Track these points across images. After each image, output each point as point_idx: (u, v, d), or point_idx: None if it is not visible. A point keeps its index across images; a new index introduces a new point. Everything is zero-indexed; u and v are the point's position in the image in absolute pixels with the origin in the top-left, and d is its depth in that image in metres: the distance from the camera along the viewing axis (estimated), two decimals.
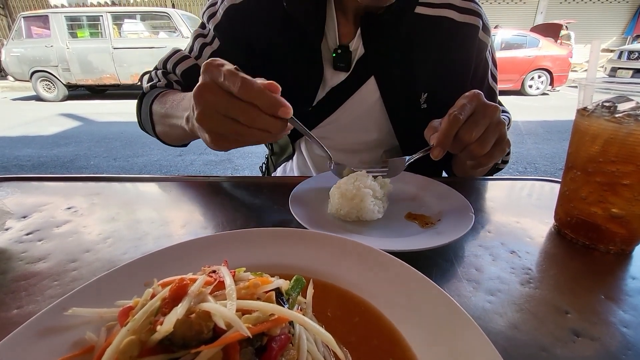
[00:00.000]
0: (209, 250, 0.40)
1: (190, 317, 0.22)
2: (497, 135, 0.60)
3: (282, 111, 0.48)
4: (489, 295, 0.41)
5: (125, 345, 0.21)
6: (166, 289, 0.25)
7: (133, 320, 0.23)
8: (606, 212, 0.47)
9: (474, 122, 0.58)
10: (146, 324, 0.23)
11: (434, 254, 0.47)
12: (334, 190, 0.56)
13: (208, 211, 0.61)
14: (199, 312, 0.22)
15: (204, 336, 0.22)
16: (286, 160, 1.06)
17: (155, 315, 0.23)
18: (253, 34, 0.82)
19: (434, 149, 0.58)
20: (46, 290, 0.41)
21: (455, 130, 0.57)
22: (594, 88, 0.48)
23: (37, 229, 0.54)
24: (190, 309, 0.22)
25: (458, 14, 0.80)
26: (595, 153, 0.46)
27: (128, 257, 0.47)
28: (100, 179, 0.73)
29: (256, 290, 0.26)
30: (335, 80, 0.85)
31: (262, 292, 0.27)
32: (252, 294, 0.26)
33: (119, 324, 0.27)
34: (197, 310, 0.22)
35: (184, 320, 0.22)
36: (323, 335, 0.24)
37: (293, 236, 0.42)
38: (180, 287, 0.24)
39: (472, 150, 0.60)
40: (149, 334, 0.22)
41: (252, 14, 0.81)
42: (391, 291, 0.36)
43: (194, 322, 0.22)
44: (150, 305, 0.23)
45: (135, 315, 0.23)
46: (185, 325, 0.22)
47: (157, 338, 0.21)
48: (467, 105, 0.59)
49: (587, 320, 0.37)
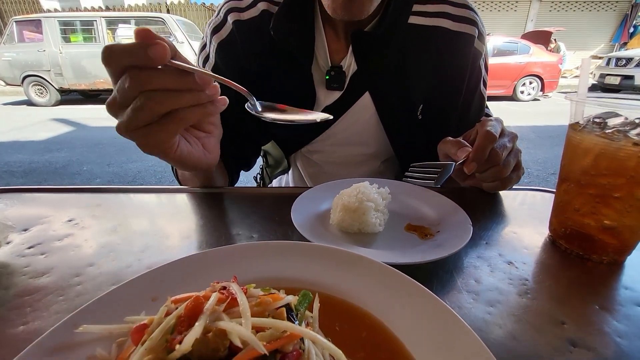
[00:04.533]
0: (215, 264, 0.40)
1: (207, 335, 0.23)
2: (516, 160, 0.63)
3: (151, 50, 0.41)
4: (489, 307, 0.42)
5: None
6: (181, 307, 0.25)
7: (150, 339, 0.23)
8: (599, 223, 0.49)
9: (503, 144, 0.60)
10: (162, 342, 0.24)
11: (434, 265, 0.48)
12: (336, 201, 0.57)
13: (210, 223, 0.62)
14: (216, 330, 0.23)
15: (220, 354, 0.23)
16: (281, 173, 1.06)
17: (171, 333, 0.24)
18: (244, 63, 0.81)
19: (469, 163, 0.59)
20: (52, 306, 0.41)
21: (491, 146, 0.59)
22: (585, 104, 0.50)
23: (38, 242, 0.54)
24: (206, 327, 0.23)
25: (453, 22, 0.79)
26: (587, 166, 0.48)
27: (132, 271, 0.48)
28: (101, 190, 0.74)
29: (268, 307, 0.27)
30: (329, 99, 0.84)
31: (273, 309, 0.27)
32: (264, 310, 0.27)
33: (132, 341, 0.28)
34: (214, 328, 0.23)
35: (201, 339, 0.22)
36: (333, 350, 0.25)
37: (299, 249, 0.43)
38: (195, 305, 0.24)
39: (497, 172, 0.62)
40: (166, 352, 0.23)
41: (241, 44, 0.80)
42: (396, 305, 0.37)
43: (210, 341, 0.23)
44: (167, 323, 0.24)
45: (152, 334, 0.24)
46: (203, 343, 0.22)
47: (175, 357, 0.22)
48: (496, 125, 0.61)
49: (582, 330, 0.38)
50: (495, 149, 0.58)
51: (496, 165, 0.60)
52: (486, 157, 0.59)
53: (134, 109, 0.44)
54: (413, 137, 0.89)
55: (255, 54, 0.81)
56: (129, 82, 0.43)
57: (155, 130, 0.47)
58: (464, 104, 0.87)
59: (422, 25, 0.79)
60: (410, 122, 0.87)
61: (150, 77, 0.43)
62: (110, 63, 0.44)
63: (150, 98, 0.43)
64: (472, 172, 0.60)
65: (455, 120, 0.87)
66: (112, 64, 0.44)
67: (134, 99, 0.44)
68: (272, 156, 1.05)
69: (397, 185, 0.67)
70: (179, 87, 0.45)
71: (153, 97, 0.44)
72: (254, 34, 0.80)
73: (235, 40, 0.80)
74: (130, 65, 0.43)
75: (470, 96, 0.87)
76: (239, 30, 0.80)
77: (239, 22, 0.80)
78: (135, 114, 0.44)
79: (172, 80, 0.44)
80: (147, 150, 0.50)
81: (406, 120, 0.86)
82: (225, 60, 0.81)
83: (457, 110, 0.87)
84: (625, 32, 14.01)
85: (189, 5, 13.83)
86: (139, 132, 0.46)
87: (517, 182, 0.67)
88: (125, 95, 0.44)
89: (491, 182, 0.66)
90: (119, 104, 0.45)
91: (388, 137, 0.88)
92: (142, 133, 0.47)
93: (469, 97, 0.87)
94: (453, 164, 0.60)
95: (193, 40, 7.69)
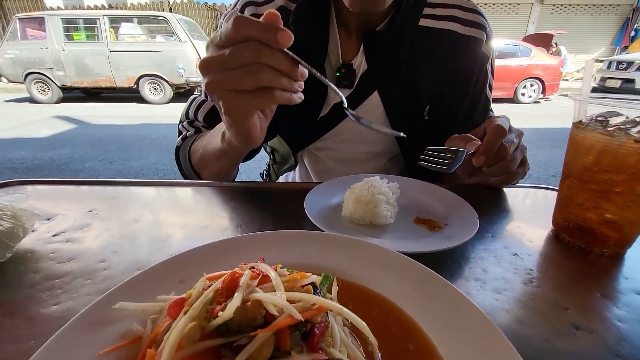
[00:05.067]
0: (238, 250, 0.42)
1: (246, 305, 0.25)
2: (522, 156, 0.66)
3: (280, 35, 0.45)
4: (496, 293, 0.44)
5: (189, 329, 0.24)
6: (219, 281, 0.27)
7: (193, 308, 0.26)
8: (600, 217, 0.51)
9: (510, 139, 0.63)
10: (203, 312, 0.26)
11: (443, 256, 0.51)
12: (348, 194, 0.59)
13: (225, 215, 0.64)
14: (253, 300, 0.25)
15: (257, 322, 0.25)
16: (288, 170, 1.08)
17: (210, 304, 0.26)
18: None
19: (479, 156, 0.62)
20: (81, 288, 0.44)
21: (501, 140, 0.61)
22: (588, 103, 0.52)
23: (62, 230, 0.57)
24: (244, 298, 0.25)
25: (462, 26, 0.81)
26: (590, 163, 0.50)
27: (155, 258, 0.50)
28: (116, 182, 0.76)
29: (296, 284, 0.29)
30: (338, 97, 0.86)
31: (300, 287, 0.30)
32: (292, 287, 0.29)
33: (169, 315, 0.30)
34: (252, 299, 0.25)
35: (240, 308, 0.25)
36: (358, 322, 0.28)
37: (316, 238, 0.45)
38: (233, 279, 0.27)
39: (504, 166, 0.64)
40: (207, 321, 0.25)
41: None
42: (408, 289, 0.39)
43: (249, 310, 0.25)
44: (206, 295, 0.26)
45: (193, 305, 0.26)
46: (242, 312, 0.25)
47: (217, 323, 0.24)
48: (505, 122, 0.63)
49: (585, 315, 0.41)
50: (504, 143, 0.61)
51: (503, 160, 0.62)
52: (495, 151, 0.61)
53: (243, 74, 0.47)
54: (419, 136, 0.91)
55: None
56: (251, 50, 0.46)
57: (249, 99, 0.50)
58: (470, 106, 0.90)
59: (432, 27, 0.82)
60: (416, 122, 0.89)
61: (272, 54, 0.46)
62: (238, 29, 0.46)
63: (262, 70, 0.47)
64: (480, 165, 0.62)
65: (460, 122, 0.90)
66: (240, 30, 0.46)
67: (244, 65, 0.47)
68: (279, 153, 1.07)
69: (405, 181, 0.70)
70: (285, 71, 0.48)
71: (265, 70, 0.47)
72: None
73: None
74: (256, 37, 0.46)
75: (476, 99, 0.90)
76: None
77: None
78: (242, 77, 0.47)
79: (284, 64, 0.48)
80: (228, 113, 0.53)
81: (413, 120, 0.88)
82: None
83: (462, 112, 0.89)
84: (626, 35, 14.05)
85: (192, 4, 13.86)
86: (233, 94, 0.50)
87: (523, 177, 0.69)
88: (240, 59, 0.47)
89: (498, 176, 0.68)
90: (224, 63, 0.48)
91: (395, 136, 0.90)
92: (235, 96, 0.50)
93: (475, 99, 0.89)
94: (465, 151, 0.62)
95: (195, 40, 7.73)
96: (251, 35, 0.46)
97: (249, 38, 0.47)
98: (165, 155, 4.28)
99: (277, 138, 1.00)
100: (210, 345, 0.24)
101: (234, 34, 0.47)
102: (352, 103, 0.86)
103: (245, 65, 0.47)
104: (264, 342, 0.24)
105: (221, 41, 0.48)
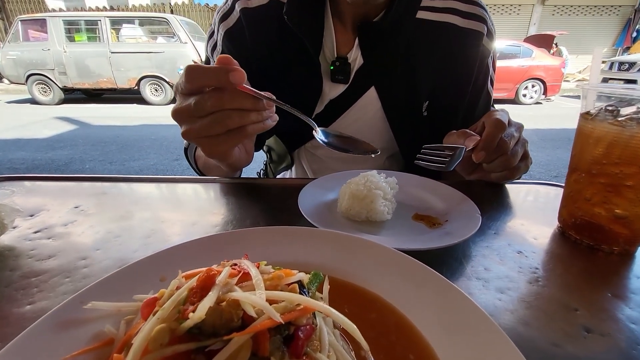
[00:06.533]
0: (224, 246, 0.40)
1: (221, 305, 0.22)
2: (524, 150, 0.64)
3: (232, 76, 0.47)
4: (499, 293, 0.41)
5: (156, 332, 0.22)
6: (193, 279, 0.25)
7: (162, 309, 0.23)
8: (610, 212, 0.48)
9: (510, 133, 0.60)
10: (175, 312, 0.23)
11: (443, 253, 0.48)
12: (344, 189, 0.56)
13: (216, 211, 0.62)
14: (229, 300, 0.22)
15: (234, 324, 0.22)
16: (285, 169, 1.05)
17: (183, 304, 0.24)
18: (252, 51, 0.81)
19: (479, 151, 0.59)
20: (58, 287, 0.41)
21: (500, 134, 0.59)
22: (597, 93, 0.49)
23: (44, 227, 0.54)
24: (219, 298, 0.23)
25: (462, 19, 0.78)
26: (599, 155, 0.48)
27: (139, 255, 0.47)
28: (105, 179, 0.73)
29: (280, 282, 0.26)
30: (333, 93, 0.83)
31: (285, 285, 0.27)
32: (276, 285, 0.26)
33: (142, 315, 0.27)
34: (227, 299, 0.23)
35: (214, 309, 0.22)
36: (348, 325, 0.25)
37: (307, 234, 0.42)
38: (208, 277, 0.24)
39: (505, 161, 0.61)
40: (178, 323, 0.23)
41: (248, 32, 0.80)
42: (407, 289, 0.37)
43: (224, 311, 0.22)
44: (179, 295, 0.24)
45: (164, 305, 0.23)
46: (216, 313, 0.22)
47: (188, 326, 0.22)
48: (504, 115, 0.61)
49: (595, 317, 0.38)
50: (504, 137, 0.58)
51: (504, 154, 0.60)
52: (495, 146, 0.58)
53: (211, 122, 0.50)
54: (418, 134, 0.88)
55: (262, 43, 0.80)
56: (213, 100, 0.49)
57: (223, 141, 0.53)
58: (471, 103, 0.86)
59: (431, 20, 0.79)
60: (415, 119, 0.86)
61: (233, 98, 0.49)
62: (192, 80, 0.49)
63: (229, 116, 0.50)
64: (480, 161, 0.59)
65: (461, 119, 0.87)
66: (194, 81, 0.50)
67: (210, 112, 0.50)
68: (276, 152, 1.04)
69: (403, 176, 0.67)
70: (251, 108, 0.51)
71: (231, 115, 0.50)
72: (261, 21, 0.79)
73: (243, 28, 0.80)
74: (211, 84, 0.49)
75: (477, 95, 0.87)
76: (246, 18, 0.79)
77: (247, 10, 0.79)
78: (211, 125, 0.50)
79: (247, 103, 0.50)
80: (209, 156, 0.58)
81: (411, 116, 0.86)
82: (232, 49, 0.81)
83: (463, 109, 0.86)
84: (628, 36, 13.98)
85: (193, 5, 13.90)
86: (208, 140, 0.53)
87: (525, 172, 0.67)
88: (204, 109, 0.49)
89: (499, 172, 0.66)
90: (191, 114, 0.51)
91: (393, 133, 0.88)
92: (211, 142, 0.54)
93: (476, 95, 0.87)
94: (464, 147, 0.60)
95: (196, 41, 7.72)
96: (206, 84, 0.49)
97: (205, 87, 0.50)
98: (165, 156, 4.27)
99: (273, 137, 0.98)
100: (180, 350, 0.22)
101: (190, 86, 0.50)
102: (347, 99, 0.83)
103: (212, 113, 0.50)
104: (240, 347, 0.21)
105: (183, 91, 0.51)
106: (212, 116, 0.50)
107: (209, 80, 0.49)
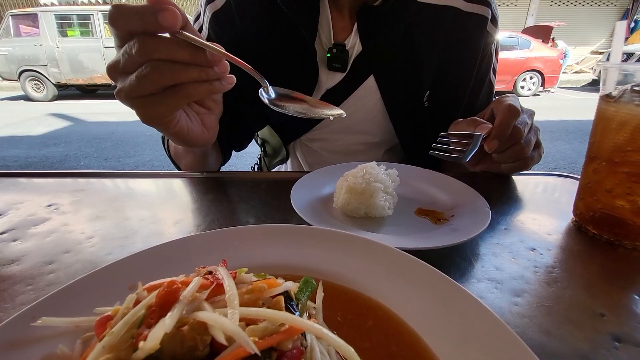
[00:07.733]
0: (204, 249, 0.35)
1: (182, 329, 0.17)
2: (536, 138, 0.60)
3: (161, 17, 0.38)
4: (514, 297, 0.37)
5: None
6: (152, 295, 0.20)
7: (110, 334, 0.18)
8: (634, 205, 0.44)
9: (523, 120, 0.56)
10: (127, 338, 0.19)
11: (450, 252, 0.43)
12: (340, 183, 0.51)
13: (202, 208, 0.57)
14: (193, 323, 0.18)
15: (199, 353, 0.18)
16: (280, 163, 1.01)
17: (138, 327, 0.19)
18: (241, 36, 0.75)
19: (491, 141, 0.55)
20: (17, 297, 0.36)
21: (514, 121, 0.55)
22: (619, 71, 0.44)
23: (12, 227, 0.49)
24: (182, 319, 0.18)
25: (465, 2, 0.74)
26: (622, 142, 0.43)
27: (112, 258, 0.42)
28: (86, 174, 0.68)
29: (262, 295, 0.22)
30: (330, 82, 0.78)
31: (269, 297, 0.22)
32: (256, 299, 0.22)
33: (96, 336, 0.23)
34: (191, 321, 0.18)
35: (174, 334, 0.17)
36: (343, 347, 0.20)
37: (298, 233, 0.38)
38: (169, 292, 0.19)
39: (518, 150, 0.57)
40: (131, 351, 0.18)
41: (237, 15, 0.74)
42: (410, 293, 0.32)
43: (186, 336, 0.17)
44: (133, 315, 0.19)
45: (113, 328, 0.19)
46: (176, 340, 0.17)
47: (139, 358, 0.17)
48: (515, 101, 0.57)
49: (626, 323, 0.33)
50: (517, 125, 0.53)
51: (517, 143, 0.55)
52: (509, 134, 0.54)
53: (139, 77, 0.41)
54: (419, 124, 0.84)
55: (253, 27, 0.75)
56: (137, 48, 0.40)
57: (158, 102, 0.44)
58: (473, 92, 0.82)
59: (432, 4, 0.74)
60: (416, 109, 0.81)
61: (159, 46, 0.40)
62: (117, 24, 0.40)
63: (157, 68, 0.41)
64: (492, 151, 0.55)
65: (462, 109, 0.82)
66: (119, 25, 0.41)
67: (140, 65, 0.41)
68: (270, 145, 1.00)
69: (405, 168, 0.62)
70: (188, 60, 0.42)
71: (160, 67, 0.41)
72: (251, 3, 0.74)
73: (231, 10, 0.74)
74: (137, 29, 0.40)
75: (479, 83, 0.82)
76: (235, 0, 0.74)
77: None
78: (139, 82, 0.41)
79: (181, 52, 0.41)
80: (145, 121, 0.47)
81: (412, 106, 0.81)
82: (220, 33, 0.75)
83: (465, 98, 0.82)
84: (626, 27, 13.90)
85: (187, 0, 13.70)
86: (140, 101, 0.44)
87: (538, 162, 0.62)
88: (131, 61, 0.41)
89: (511, 163, 0.61)
90: (121, 69, 0.42)
91: (393, 124, 0.83)
92: (143, 103, 0.44)
93: (479, 84, 0.82)
94: (481, 135, 0.55)
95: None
96: (131, 28, 0.40)
97: (131, 32, 0.41)
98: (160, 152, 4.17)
99: (268, 128, 0.93)
100: None
101: (116, 31, 0.41)
102: (345, 88, 0.78)
103: (139, 65, 0.41)
104: None
105: (116, 41, 0.43)
106: (140, 70, 0.41)
107: (134, 23, 0.40)
